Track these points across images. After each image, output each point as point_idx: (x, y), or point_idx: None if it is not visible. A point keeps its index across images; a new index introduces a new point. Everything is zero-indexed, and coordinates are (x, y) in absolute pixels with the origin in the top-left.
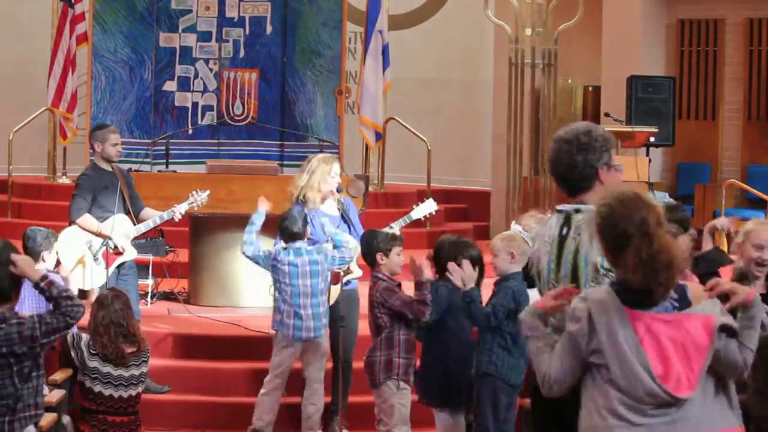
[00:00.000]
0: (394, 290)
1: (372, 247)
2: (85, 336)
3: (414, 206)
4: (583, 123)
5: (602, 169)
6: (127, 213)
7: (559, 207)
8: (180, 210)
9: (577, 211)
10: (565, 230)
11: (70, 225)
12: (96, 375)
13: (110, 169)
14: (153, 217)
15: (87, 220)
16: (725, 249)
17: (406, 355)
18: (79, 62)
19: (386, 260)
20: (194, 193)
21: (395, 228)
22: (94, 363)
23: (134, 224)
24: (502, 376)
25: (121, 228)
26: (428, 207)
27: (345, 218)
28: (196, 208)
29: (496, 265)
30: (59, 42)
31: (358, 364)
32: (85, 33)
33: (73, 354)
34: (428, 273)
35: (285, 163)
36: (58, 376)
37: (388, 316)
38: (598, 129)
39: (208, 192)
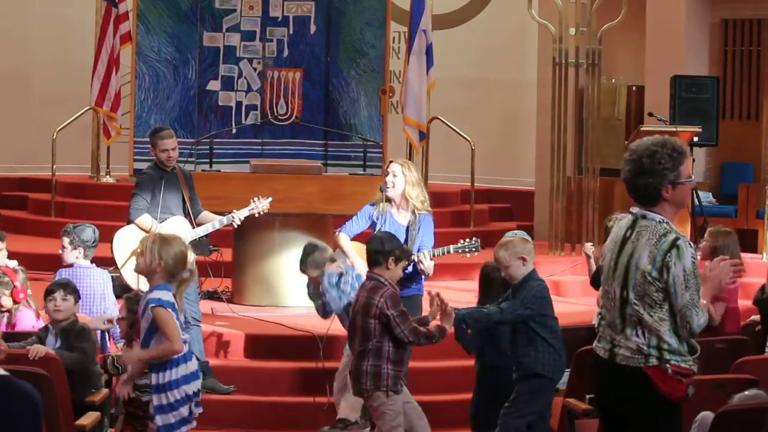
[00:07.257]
0: (405, 313)
1: (388, 248)
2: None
3: (460, 241)
4: (653, 140)
5: (666, 189)
6: (186, 215)
7: (633, 209)
8: (240, 216)
9: (644, 217)
10: (629, 233)
11: (128, 224)
12: (145, 388)
13: (170, 170)
14: (212, 221)
15: (145, 220)
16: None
17: (396, 367)
18: (122, 61)
19: (393, 268)
20: (256, 199)
21: (427, 255)
22: (143, 381)
23: (193, 227)
24: (550, 374)
25: (178, 230)
26: (470, 246)
27: (408, 232)
28: (257, 215)
29: (511, 274)
30: (103, 41)
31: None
32: (128, 32)
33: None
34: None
35: (329, 162)
36: (96, 397)
37: (381, 325)
38: (665, 148)
39: (270, 199)
